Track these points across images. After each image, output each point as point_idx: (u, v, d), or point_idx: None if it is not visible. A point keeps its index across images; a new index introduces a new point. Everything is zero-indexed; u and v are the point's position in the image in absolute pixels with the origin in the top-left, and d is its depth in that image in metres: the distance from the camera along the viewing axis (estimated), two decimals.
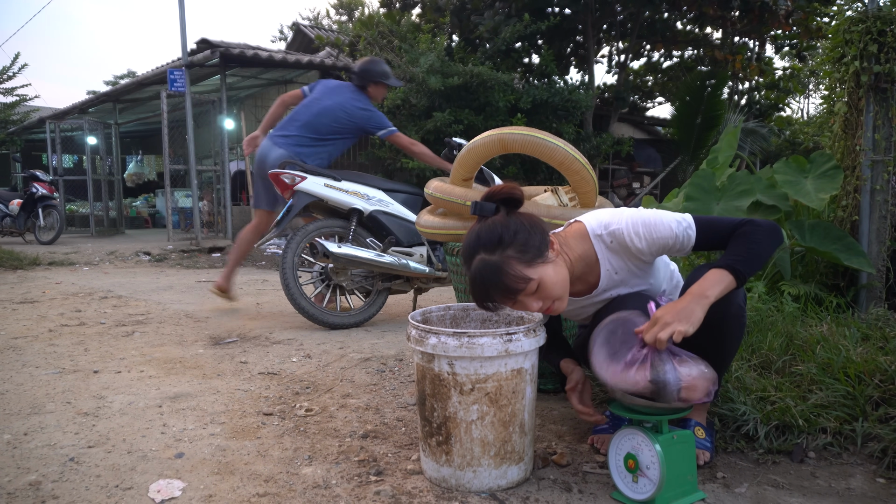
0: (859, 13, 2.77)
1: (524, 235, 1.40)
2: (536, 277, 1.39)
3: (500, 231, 1.39)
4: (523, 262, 1.38)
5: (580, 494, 1.46)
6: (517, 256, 1.38)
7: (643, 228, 1.47)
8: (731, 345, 1.54)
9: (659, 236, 1.46)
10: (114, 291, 4.82)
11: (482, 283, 1.39)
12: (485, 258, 1.38)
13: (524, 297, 1.41)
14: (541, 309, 1.44)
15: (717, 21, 9.59)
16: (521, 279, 1.38)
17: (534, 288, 1.39)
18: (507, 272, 1.37)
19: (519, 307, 1.45)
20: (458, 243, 2.27)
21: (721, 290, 1.36)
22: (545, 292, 1.41)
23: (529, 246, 1.39)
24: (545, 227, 1.47)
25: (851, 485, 1.49)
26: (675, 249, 1.49)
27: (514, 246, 1.38)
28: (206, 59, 8.17)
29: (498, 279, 1.37)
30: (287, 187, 3.39)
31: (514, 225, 1.41)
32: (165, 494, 1.46)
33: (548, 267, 1.41)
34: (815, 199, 2.91)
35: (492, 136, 2.19)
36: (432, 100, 7.37)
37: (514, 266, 1.37)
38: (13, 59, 14.93)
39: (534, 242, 1.40)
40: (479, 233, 1.42)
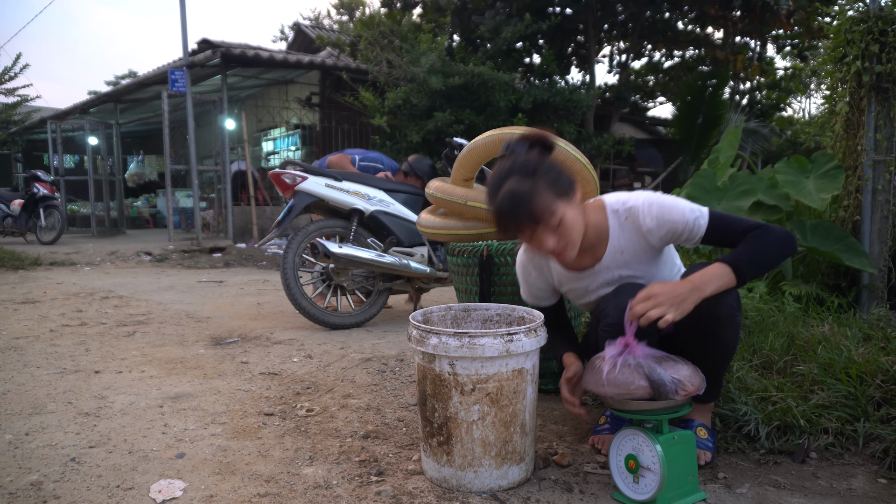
0: (861, 13, 2.76)
1: (556, 173, 1.45)
2: (560, 213, 1.42)
3: (536, 163, 1.44)
4: (553, 193, 1.42)
5: (581, 495, 1.46)
6: (548, 187, 1.42)
7: (657, 208, 1.49)
8: (725, 347, 1.51)
9: (670, 218, 1.48)
10: (115, 291, 4.83)
11: (511, 204, 1.41)
12: (518, 182, 1.41)
13: (544, 229, 1.43)
14: (554, 248, 1.45)
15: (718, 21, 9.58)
16: (548, 209, 1.41)
17: (556, 223, 1.42)
18: (537, 198, 1.40)
19: (534, 244, 1.46)
20: (458, 243, 2.27)
21: (719, 286, 1.37)
22: (564, 231, 1.44)
23: (560, 182, 1.44)
24: (573, 174, 1.51)
25: (853, 485, 1.49)
26: (684, 237, 1.49)
27: (547, 178, 1.43)
28: (207, 59, 8.17)
29: (528, 203, 1.40)
30: (288, 187, 3.39)
31: (548, 162, 1.46)
32: (166, 494, 1.46)
33: (572, 208, 1.46)
34: (817, 199, 2.91)
35: (493, 136, 2.19)
36: (433, 100, 7.37)
37: (545, 195, 1.41)
38: (15, 60, 14.96)
39: (564, 181, 1.46)
40: (513, 163, 1.45)
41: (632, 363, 1.36)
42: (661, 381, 1.33)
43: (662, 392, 1.33)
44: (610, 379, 1.36)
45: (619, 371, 1.36)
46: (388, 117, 7.43)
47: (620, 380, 1.35)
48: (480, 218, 2.26)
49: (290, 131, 11.29)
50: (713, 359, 1.50)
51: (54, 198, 9.76)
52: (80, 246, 8.82)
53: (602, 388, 1.38)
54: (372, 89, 7.62)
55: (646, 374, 1.34)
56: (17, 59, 14.84)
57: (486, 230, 2.27)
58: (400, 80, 7.55)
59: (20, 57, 14.93)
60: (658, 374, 1.34)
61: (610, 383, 1.36)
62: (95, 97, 11.82)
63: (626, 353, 1.37)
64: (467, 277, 2.23)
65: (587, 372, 1.46)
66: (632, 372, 1.35)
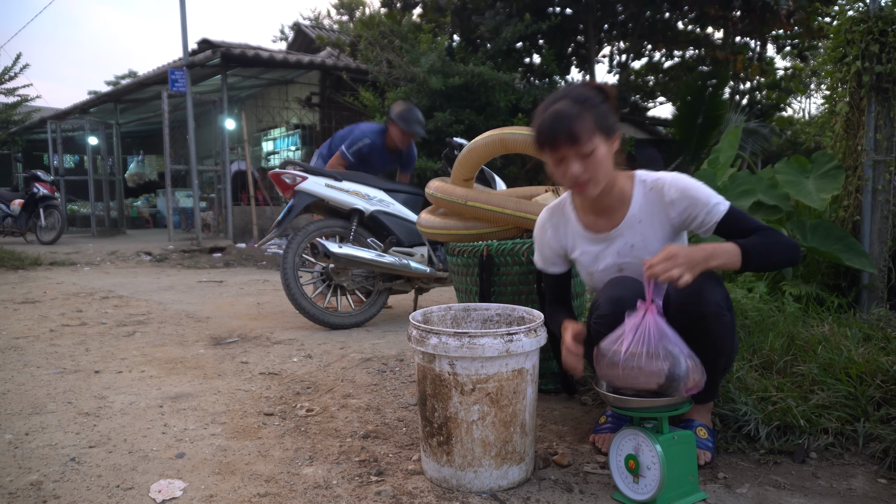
0: (861, 13, 2.76)
1: (605, 112, 1.50)
2: (595, 145, 1.47)
3: (589, 96, 1.49)
4: (595, 126, 1.46)
5: (581, 495, 1.46)
6: (593, 119, 1.47)
7: (684, 182, 1.54)
8: (718, 347, 1.50)
9: (693, 194, 1.52)
10: (115, 291, 4.83)
11: (554, 122, 1.46)
12: (566, 105, 1.47)
13: (576, 154, 1.47)
14: (579, 175, 1.49)
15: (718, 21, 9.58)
16: (587, 136, 1.45)
17: (588, 151, 1.47)
18: (580, 122, 1.45)
19: (561, 167, 1.50)
20: (458, 243, 2.27)
21: (726, 261, 1.41)
22: (592, 163, 1.48)
23: (605, 120, 1.49)
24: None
25: (853, 485, 1.49)
26: (700, 218, 1.52)
27: (595, 112, 1.48)
28: (207, 59, 8.17)
29: (570, 123, 1.45)
30: (288, 187, 3.39)
31: (601, 101, 1.51)
32: (166, 494, 1.46)
33: (607, 148, 1.50)
34: (817, 199, 2.91)
35: (493, 137, 2.19)
36: (433, 100, 7.37)
37: (588, 123, 1.46)
38: (15, 60, 14.96)
39: (609, 122, 1.50)
40: (568, 91, 1.51)
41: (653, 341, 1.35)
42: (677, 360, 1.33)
43: (676, 376, 1.33)
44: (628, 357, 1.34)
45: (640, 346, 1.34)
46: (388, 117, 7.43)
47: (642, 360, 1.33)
48: (480, 218, 2.26)
49: (290, 131, 11.29)
50: (707, 359, 1.49)
51: (54, 198, 9.76)
52: (80, 246, 8.82)
53: (616, 371, 1.36)
54: (372, 89, 7.62)
55: (664, 356, 1.33)
56: (17, 58, 14.85)
57: (486, 230, 2.27)
58: (400, 80, 7.55)
59: (20, 57, 14.96)
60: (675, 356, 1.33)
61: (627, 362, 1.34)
62: (95, 97, 11.82)
63: (648, 313, 1.36)
64: (467, 277, 2.23)
65: (599, 357, 1.43)
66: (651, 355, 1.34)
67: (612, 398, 1.41)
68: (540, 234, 1.76)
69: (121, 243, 9.15)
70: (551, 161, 1.52)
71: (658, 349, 1.34)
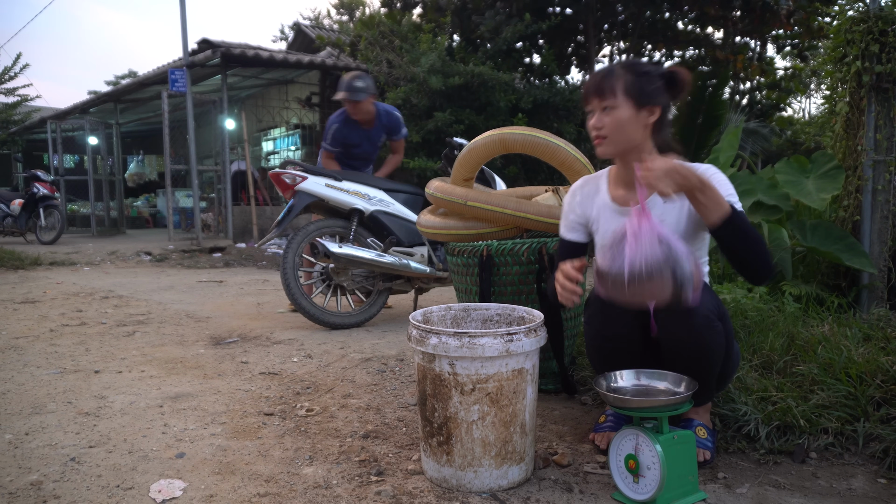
0: (861, 13, 2.76)
1: (646, 83, 1.54)
2: (619, 105, 1.54)
3: (646, 68, 1.57)
4: (627, 89, 1.53)
5: (581, 495, 1.46)
6: (630, 83, 1.54)
7: (712, 171, 1.56)
8: (710, 357, 1.49)
9: (717, 182, 1.51)
10: (115, 291, 4.83)
11: (598, 73, 1.59)
12: (618, 66, 1.57)
13: (599, 106, 1.56)
14: (595, 127, 1.57)
15: (718, 21, 9.58)
16: (612, 92, 1.53)
17: (609, 106, 1.54)
18: (613, 78, 1.54)
19: (589, 118, 1.59)
20: (458, 243, 2.27)
21: (712, 204, 1.40)
22: (611, 122, 1.55)
23: (643, 91, 1.54)
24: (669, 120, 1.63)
25: (853, 485, 1.49)
26: None
27: (638, 80, 1.54)
28: (207, 59, 8.17)
29: (603, 77, 1.56)
30: (288, 187, 3.39)
31: (657, 80, 1.56)
32: (166, 494, 1.46)
33: (632, 114, 1.54)
34: (817, 199, 2.91)
35: (493, 136, 2.19)
36: (433, 100, 7.37)
37: (622, 84, 1.54)
38: (15, 60, 14.97)
39: (647, 94, 1.54)
40: (637, 61, 1.62)
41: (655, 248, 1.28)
42: (679, 262, 1.27)
43: (682, 280, 1.26)
44: (633, 273, 1.26)
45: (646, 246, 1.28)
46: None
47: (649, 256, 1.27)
48: (480, 218, 2.26)
49: (290, 131, 11.29)
50: (701, 368, 1.49)
51: (54, 198, 9.76)
52: (79, 246, 8.82)
53: (623, 291, 1.29)
54: None
55: (666, 260, 1.26)
56: (17, 58, 14.86)
57: (486, 230, 2.27)
58: (400, 80, 7.55)
59: (20, 57, 14.97)
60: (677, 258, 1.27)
61: (633, 278, 1.26)
62: (95, 97, 11.82)
63: (644, 219, 1.31)
64: (467, 277, 2.23)
65: (602, 280, 1.35)
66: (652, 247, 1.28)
67: (612, 398, 1.41)
68: (569, 198, 1.76)
69: (121, 243, 9.15)
70: (587, 108, 1.61)
71: (661, 256, 1.28)
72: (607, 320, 1.56)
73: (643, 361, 1.57)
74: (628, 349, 1.58)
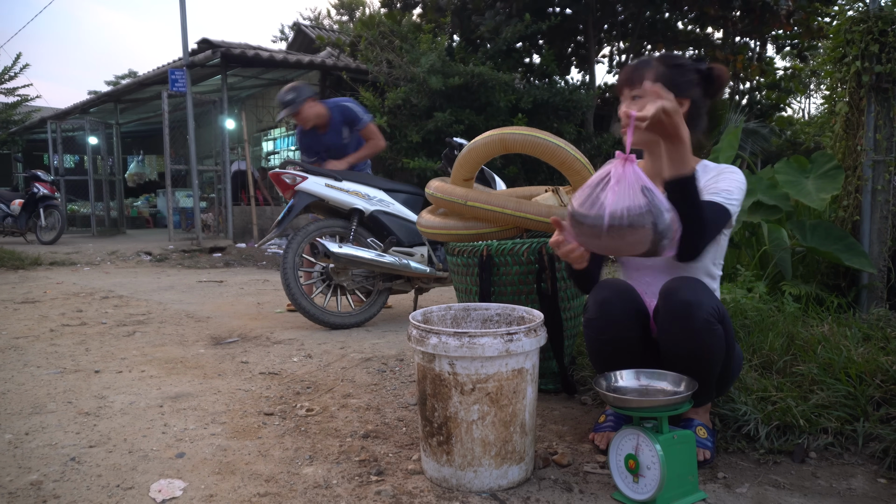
0: (860, 13, 2.77)
1: (679, 76, 1.57)
2: (647, 94, 1.50)
3: (683, 63, 1.58)
4: (660, 80, 1.54)
5: (581, 495, 1.46)
6: (662, 73, 1.56)
7: (730, 170, 1.58)
8: (710, 359, 1.48)
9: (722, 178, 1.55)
10: (115, 291, 4.83)
11: (637, 61, 1.63)
12: (656, 56, 1.61)
13: (629, 93, 1.59)
14: (625, 114, 1.53)
15: (718, 21, 9.58)
16: (644, 81, 1.53)
17: (638, 95, 1.56)
18: (645, 69, 1.58)
19: (626, 101, 1.61)
20: (458, 243, 2.27)
21: (679, 161, 1.41)
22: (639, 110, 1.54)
23: (674, 83, 1.54)
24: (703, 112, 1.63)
25: (853, 485, 1.49)
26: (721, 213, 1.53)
27: (671, 71, 1.56)
28: (207, 59, 8.17)
29: (635, 67, 1.59)
30: (288, 187, 3.39)
31: (691, 73, 1.58)
32: (166, 494, 1.46)
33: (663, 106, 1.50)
34: (817, 199, 2.91)
35: (493, 136, 2.19)
36: (433, 100, 7.37)
37: (651, 74, 1.57)
38: (15, 60, 14.98)
39: (679, 86, 1.55)
40: (673, 54, 1.65)
41: (637, 196, 1.25)
42: (660, 212, 1.24)
43: (662, 230, 1.24)
44: (613, 220, 1.23)
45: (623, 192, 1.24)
46: (388, 117, 7.44)
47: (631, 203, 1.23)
48: (480, 218, 2.26)
49: (290, 131, 11.28)
50: (702, 370, 1.49)
51: (54, 198, 9.76)
52: (80, 246, 8.82)
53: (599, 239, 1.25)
54: (372, 89, 7.62)
55: (647, 210, 1.23)
56: (17, 58, 14.87)
57: (486, 230, 2.27)
58: (400, 80, 7.55)
59: (20, 57, 14.98)
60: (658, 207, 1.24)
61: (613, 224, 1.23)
62: (95, 97, 11.82)
63: (629, 164, 1.28)
64: (467, 277, 2.23)
65: (575, 224, 1.31)
66: (635, 194, 1.24)
67: (611, 398, 1.41)
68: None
69: (121, 243, 9.15)
70: (621, 96, 1.63)
71: (644, 204, 1.24)
72: (606, 323, 1.56)
73: (643, 362, 1.58)
74: (628, 350, 1.58)
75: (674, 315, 1.46)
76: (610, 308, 1.52)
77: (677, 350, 1.49)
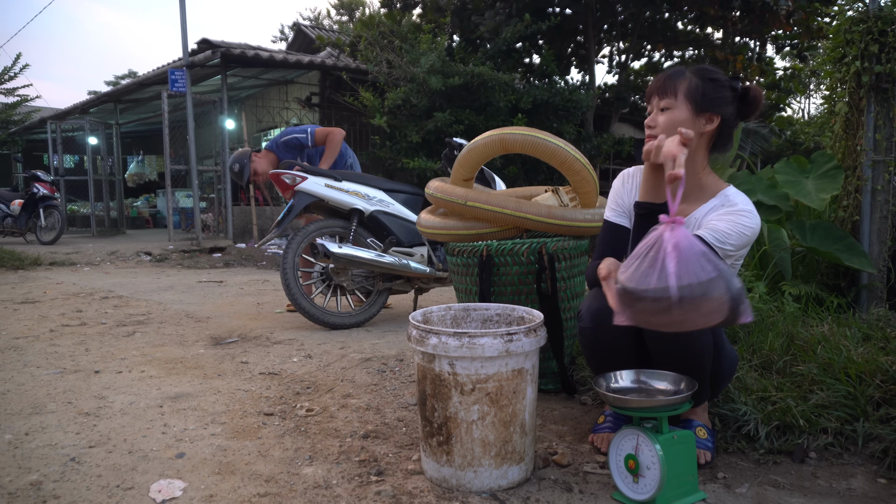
0: (860, 13, 2.77)
1: (710, 91, 1.54)
2: (677, 108, 1.54)
3: (718, 79, 1.56)
4: (689, 92, 1.54)
5: (581, 495, 1.46)
6: (693, 88, 1.54)
7: (740, 208, 1.51)
8: (700, 358, 1.50)
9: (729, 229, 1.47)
10: (115, 291, 4.83)
11: (668, 71, 1.60)
12: (689, 69, 1.59)
13: (657, 105, 1.57)
14: (650, 125, 1.58)
15: (717, 21, 9.58)
16: (673, 95, 1.55)
17: (671, 105, 1.55)
18: (677, 80, 1.56)
19: (654, 111, 1.59)
20: (458, 243, 2.27)
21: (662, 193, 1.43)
22: (666, 121, 1.55)
23: (703, 96, 1.53)
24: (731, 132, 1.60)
25: (852, 485, 1.49)
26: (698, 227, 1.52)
27: (701, 84, 1.54)
28: (206, 59, 8.17)
29: (667, 77, 1.58)
30: (288, 187, 3.40)
31: (725, 90, 1.55)
32: (166, 494, 1.46)
33: (688, 119, 1.53)
34: (816, 200, 2.91)
35: (493, 137, 2.19)
36: (433, 100, 7.37)
37: (683, 86, 1.55)
38: (14, 60, 14.98)
39: (707, 99, 1.53)
40: (709, 67, 1.61)
41: (694, 248, 1.12)
42: (730, 276, 1.11)
43: (737, 296, 1.11)
44: (685, 291, 1.08)
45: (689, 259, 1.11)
46: (387, 117, 7.44)
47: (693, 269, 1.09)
48: (480, 218, 2.26)
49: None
50: (689, 364, 1.49)
51: (54, 198, 9.76)
52: (79, 246, 8.82)
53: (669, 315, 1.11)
54: (372, 89, 7.62)
55: (717, 274, 1.08)
56: (16, 58, 14.87)
57: (485, 230, 2.27)
58: (400, 80, 7.55)
59: (20, 57, 14.97)
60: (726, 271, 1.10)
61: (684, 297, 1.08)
62: (95, 97, 11.82)
63: (679, 227, 1.16)
64: (467, 277, 2.23)
65: (631, 302, 1.18)
66: (699, 259, 1.10)
67: (611, 398, 1.41)
68: (619, 184, 1.74)
69: (121, 243, 9.15)
70: (649, 105, 1.62)
71: (712, 270, 1.11)
72: (600, 332, 1.55)
73: (639, 363, 1.58)
74: (623, 355, 1.58)
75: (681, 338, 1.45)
76: (602, 318, 1.52)
77: (664, 350, 1.50)
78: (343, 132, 3.89)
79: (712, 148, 1.59)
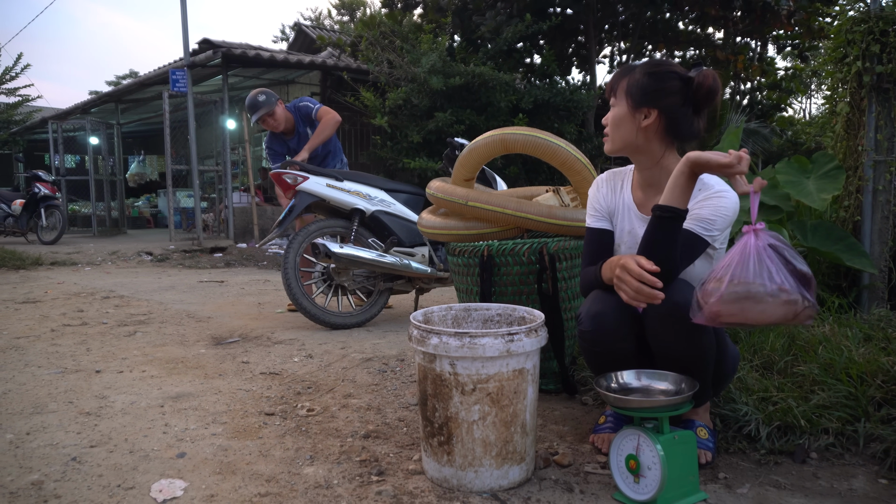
0: (861, 13, 2.77)
1: (646, 84, 1.55)
2: (618, 104, 1.60)
3: (660, 72, 1.55)
4: (629, 89, 1.57)
5: (581, 495, 1.46)
6: (630, 83, 1.57)
7: (722, 195, 1.53)
8: (703, 358, 1.50)
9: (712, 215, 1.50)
10: (116, 291, 4.83)
11: (618, 71, 1.64)
12: (639, 65, 1.60)
13: (612, 104, 1.63)
14: (604, 123, 1.65)
15: (718, 21, 9.57)
16: (614, 91, 1.61)
17: (614, 103, 1.62)
18: (622, 80, 1.59)
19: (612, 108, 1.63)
20: (459, 243, 2.27)
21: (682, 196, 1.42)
22: (610, 118, 1.62)
23: (637, 90, 1.55)
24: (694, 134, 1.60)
25: (853, 485, 1.49)
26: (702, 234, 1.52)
27: (639, 79, 1.55)
28: (207, 59, 8.18)
29: (616, 77, 1.63)
30: (289, 187, 3.40)
31: (666, 89, 1.54)
32: (167, 494, 1.46)
33: (628, 112, 1.57)
34: (818, 200, 2.91)
35: (493, 137, 2.19)
36: (434, 100, 7.37)
37: (623, 83, 1.59)
38: (16, 60, 15.00)
39: (642, 92, 1.55)
40: (661, 60, 1.64)
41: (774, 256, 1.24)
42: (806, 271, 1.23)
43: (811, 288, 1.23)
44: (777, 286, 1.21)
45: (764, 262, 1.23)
46: (388, 117, 7.44)
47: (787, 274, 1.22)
48: (481, 218, 2.26)
49: None
50: (691, 364, 1.49)
51: (55, 198, 9.77)
52: (81, 246, 8.82)
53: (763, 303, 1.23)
54: (373, 89, 7.62)
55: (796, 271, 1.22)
56: (18, 59, 14.89)
57: (486, 230, 2.27)
58: (401, 80, 7.55)
59: (21, 57, 14.95)
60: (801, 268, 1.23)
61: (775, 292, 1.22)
62: (96, 97, 11.83)
63: (765, 234, 1.27)
64: (468, 277, 2.23)
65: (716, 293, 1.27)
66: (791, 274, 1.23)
67: (612, 398, 1.41)
68: (594, 190, 1.76)
69: (122, 243, 9.15)
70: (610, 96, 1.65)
71: (790, 266, 1.24)
72: (600, 335, 1.55)
73: (640, 364, 1.58)
74: (623, 357, 1.58)
75: (663, 316, 1.46)
76: (603, 321, 1.52)
77: (668, 351, 1.50)
78: (339, 119, 3.94)
79: (671, 137, 1.59)
